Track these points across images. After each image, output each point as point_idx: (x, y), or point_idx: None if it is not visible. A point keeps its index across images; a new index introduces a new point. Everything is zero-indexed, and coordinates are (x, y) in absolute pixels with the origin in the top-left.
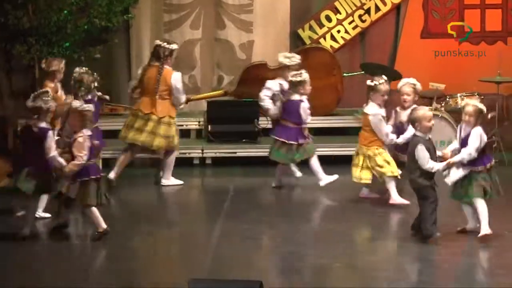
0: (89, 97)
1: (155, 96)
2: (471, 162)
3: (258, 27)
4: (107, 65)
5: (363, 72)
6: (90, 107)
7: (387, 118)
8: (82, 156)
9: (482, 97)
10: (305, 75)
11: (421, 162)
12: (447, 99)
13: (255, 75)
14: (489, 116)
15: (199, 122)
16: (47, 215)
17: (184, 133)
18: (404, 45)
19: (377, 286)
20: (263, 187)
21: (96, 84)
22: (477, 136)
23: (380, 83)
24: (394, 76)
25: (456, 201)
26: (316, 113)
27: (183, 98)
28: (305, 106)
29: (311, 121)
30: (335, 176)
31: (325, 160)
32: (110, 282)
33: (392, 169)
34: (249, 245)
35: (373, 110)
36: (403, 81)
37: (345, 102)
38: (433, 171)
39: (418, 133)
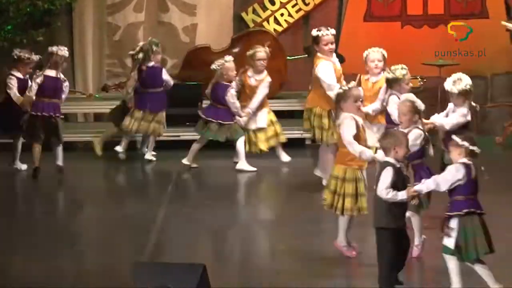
0: None
1: None
2: None
3: (202, 10)
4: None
5: (306, 55)
6: None
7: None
8: None
9: (425, 80)
10: (226, 64)
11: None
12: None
13: (199, 58)
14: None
15: None
16: None
17: None
18: (347, 28)
19: (321, 269)
20: (207, 170)
21: None
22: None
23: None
24: (338, 60)
25: None
26: None
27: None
28: (232, 93)
29: None
30: (253, 169)
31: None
32: (54, 264)
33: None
34: (193, 229)
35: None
36: (369, 50)
37: (289, 86)
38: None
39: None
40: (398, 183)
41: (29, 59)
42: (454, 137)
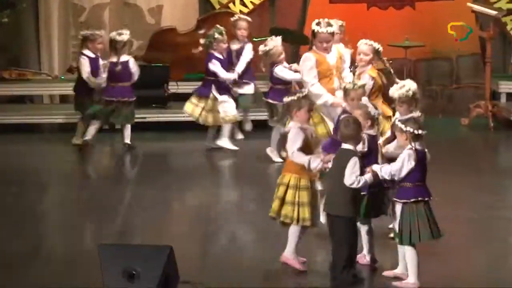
0: None
1: None
2: None
3: None
4: (14, 30)
5: (272, 36)
6: None
7: None
8: None
9: (391, 61)
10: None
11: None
12: (355, 64)
13: (164, 40)
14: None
15: None
16: None
17: None
18: (313, 9)
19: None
20: (174, 153)
21: None
22: None
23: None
24: (303, 41)
25: None
26: None
27: None
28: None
29: None
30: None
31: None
32: (19, 246)
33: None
34: (160, 210)
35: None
36: (361, 41)
37: (254, 67)
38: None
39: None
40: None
41: (93, 35)
42: (398, 122)
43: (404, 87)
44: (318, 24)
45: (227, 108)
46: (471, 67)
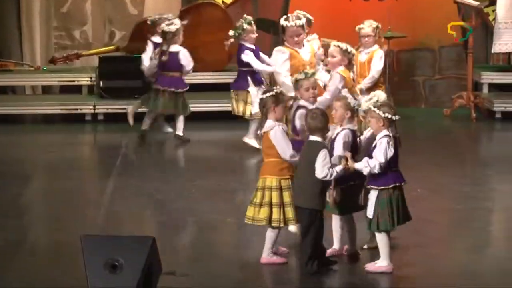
0: None
1: None
2: None
3: None
4: None
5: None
6: None
7: None
8: None
9: None
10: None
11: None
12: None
13: (147, 30)
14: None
15: (90, 78)
16: None
17: (76, 89)
18: (296, 0)
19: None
20: (156, 143)
21: None
22: None
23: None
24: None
25: None
26: (208, 68)
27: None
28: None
29: (203, 77)
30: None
31: (218, 116)
32: (1, 238)
33: None
34: (142, 201)
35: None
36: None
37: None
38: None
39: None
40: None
41: (160, 19)
42: (372, 108)
43: (372, 98)
44: (286, 19)
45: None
46: (453, 58)
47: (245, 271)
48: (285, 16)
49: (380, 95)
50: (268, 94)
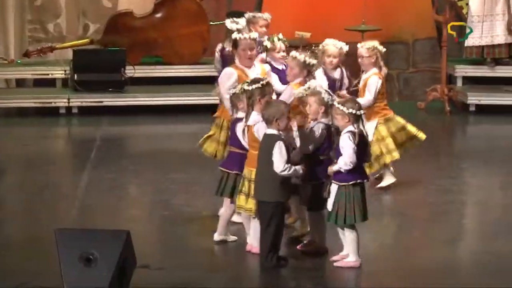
0: None
1: None
2: None
3: None
4: None
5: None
6: None
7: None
8: None
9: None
10: None
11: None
12: (313, 47)
13: (121, 23)
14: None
15: (64, 71)
16: None
17: (50, 82)
18: None
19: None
20: (130, 137)
21: None
22: None
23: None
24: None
25: None
26: (183, 61)
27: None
28: None
29: (177, 70)
30: None
31: (194, 109)
32: None
33: None
34: (117, 194)
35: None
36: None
37: (212, 51)
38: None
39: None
40: (288, 155)
41: (255, 18)
42: (337, 104)
43: (309, 88)
44: (238, 31)
45: None
46: (427, 51)
47: (221, 262)
48: (237, 27)
49: (312, 83)
50: (254, 86)
